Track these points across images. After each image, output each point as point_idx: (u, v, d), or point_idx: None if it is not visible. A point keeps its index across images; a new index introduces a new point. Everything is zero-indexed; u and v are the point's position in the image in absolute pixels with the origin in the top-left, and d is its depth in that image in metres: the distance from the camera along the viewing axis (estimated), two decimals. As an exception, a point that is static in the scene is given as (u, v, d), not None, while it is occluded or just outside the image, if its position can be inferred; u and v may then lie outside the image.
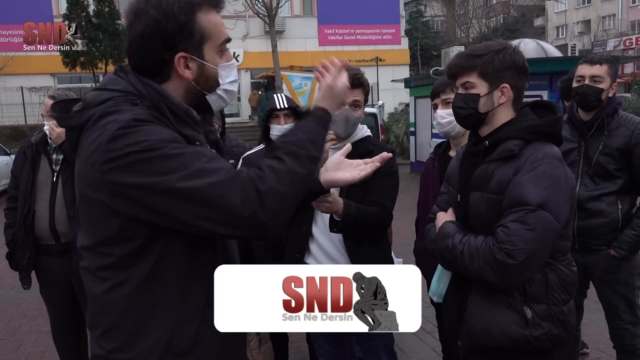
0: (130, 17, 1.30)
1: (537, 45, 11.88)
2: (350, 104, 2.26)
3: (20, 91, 21.66)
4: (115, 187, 1.18)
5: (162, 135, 1.19)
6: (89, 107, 1.27)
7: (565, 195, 1.68)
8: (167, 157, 1.16)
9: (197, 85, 1.36)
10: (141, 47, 1.29)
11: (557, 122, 1.77)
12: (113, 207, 1.21)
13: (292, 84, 19.51)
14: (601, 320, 3.06)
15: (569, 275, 1.77)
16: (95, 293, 1.31)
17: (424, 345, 3.90)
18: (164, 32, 1.27)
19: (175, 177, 1.15)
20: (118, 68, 1.36)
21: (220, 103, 1.46)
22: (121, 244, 1.25)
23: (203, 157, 1.20)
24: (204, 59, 1.34)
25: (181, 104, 1.32)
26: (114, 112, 1.22)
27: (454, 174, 1.97)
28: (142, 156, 1.15)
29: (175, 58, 1.30)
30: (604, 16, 38.72)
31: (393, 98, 23.52)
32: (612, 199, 2.68)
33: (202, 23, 1.31)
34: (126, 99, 1.26)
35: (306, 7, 27.01)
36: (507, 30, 30.25)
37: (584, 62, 2.74)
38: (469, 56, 1.76)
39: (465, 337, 1.83)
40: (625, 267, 2.73)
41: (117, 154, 1.16)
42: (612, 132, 2.67)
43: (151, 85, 1.30)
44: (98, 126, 1.21)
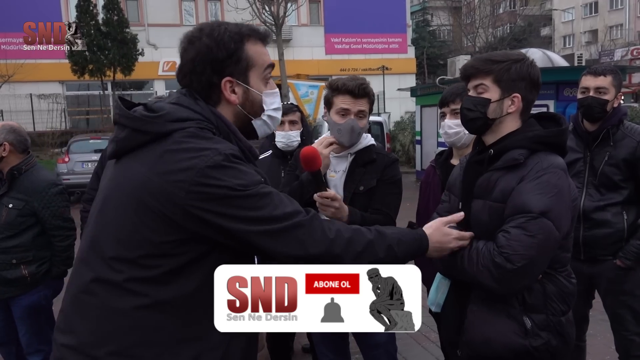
0: (184, 44, 1.40)
1: (544, 55, 11.86)
2: (355, 114, 2.28)
3: (30, 98, 21.84)
4: (197, 211, 1.22)
5: (254, 175, 1.29)
6: (166, 118, 1.30)
7: (568, 206, 1.68)
8: (260, 195, 1.26)
9: (244, 109, 1.43)
10: (192, 71, 1.38)
11: (563, 133, 1.78)
12: (181, 223, 1.24)
13: (299, 92, 19.56)
14: (607, 331, 3.04)
15: (568, 286, 1.76)
16: (115, 307, 1.26)
17: (427, 354, 3.88)
18: (214, 58, 1.36)
19: (263, 214, 1.25)
20: (186, 91, 1.41)
21: (264, 129, 1.52)
22: (171, 258, 1.25)
23: (281, 197, 1.32)
24: (249, 85, 1.42)
25: (246, 142, 1.40)
26: (208, 139, 1.28)
27: (457, 182, 1.97)
28: (237, 194, 1.23)
29: (222, 82, 1.38)
30: (611, 26, 38.64)
31: (399, 107, 23.54)
32: (618, 210, 2.67)
33: (249, 52, 1.41)
34: (207, 127, 1.32)
35: (313, 16, 27.15)
36: (513, 40, 30.23)
37: (588, 73, 2.74)
38: (487, 60, 1.77)
39: (464, 347, 1.82)
40: (631, 278, 2.71)
41: (215, 183, 1.22)
42: (617, 142, 2.66)
43: (220, 118, 1.37)
44: (190, 146, 1.25)
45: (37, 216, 2.94)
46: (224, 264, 1.28)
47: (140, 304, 1.25)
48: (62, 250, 3.03)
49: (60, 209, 2.99)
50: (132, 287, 1.25)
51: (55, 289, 3.15)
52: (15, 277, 2.90)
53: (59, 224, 2.99)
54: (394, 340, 2.51)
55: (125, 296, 1.25)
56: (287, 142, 3.13)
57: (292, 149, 3.12)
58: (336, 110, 2.29)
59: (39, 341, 3.06)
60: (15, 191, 2.91)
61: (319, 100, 18.79)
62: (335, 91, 2.29)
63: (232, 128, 1.38)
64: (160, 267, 1.25)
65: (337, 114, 2.29)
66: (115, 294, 1.26)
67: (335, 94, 2.29)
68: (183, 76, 1.41)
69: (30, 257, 2.93)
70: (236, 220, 1.24)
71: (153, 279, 1.25)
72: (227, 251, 1.30)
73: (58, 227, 2.99)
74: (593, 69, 2.74)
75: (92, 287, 1.29)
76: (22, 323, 3.02)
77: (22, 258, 2.92)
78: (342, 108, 2.27)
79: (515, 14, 36.46)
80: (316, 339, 2.65)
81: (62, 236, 3.02)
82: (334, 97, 2.30)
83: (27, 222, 2.93)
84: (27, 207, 2.91)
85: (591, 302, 2.98)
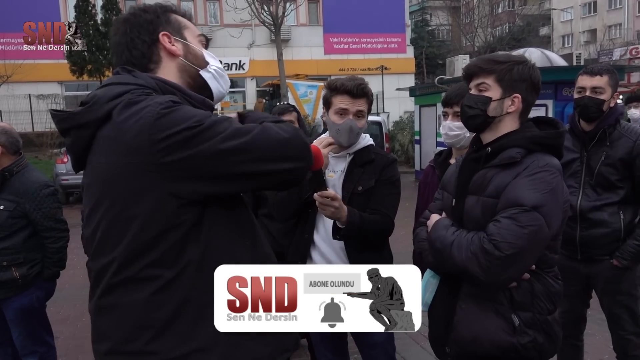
0: (114, 28, 1.44)
1: (542, 54, 11.88)
2: (354, 114, 2.28)
3: (28, 98, 21.82)
4: (171, 165, 1.20)
5: (202, 111, 1.27)
6: (100, 102, 1.28)
7: (560, 205, 1.71)
8: (218, 122, 1.24)
9: (187, 61, 1.43)
10: (128, 41, 1.39)
11: (560, 135, 1.82)
12: (168, 190, 1.22)
13: (298, 92, 19.59)
14: (605, 331, 3.05)
15: (555, 286, 1.80)
16: (136, 300, 1.26)
17: (426, 353, 3.88)
18: (145, 20, 1.40)
19: (229, 134, 1.23)
20: (119, 69, 1.40)
21: (216, 84, 1.49)
22: (172, 231, 1.24)
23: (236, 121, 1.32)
24: (186, 40, 1.45)
25: (196, 95, 1.38)
26: (141, 101, 1.24)
27: (451, 180, 1.99)
28: (196, 130, 1.20)
29: (160, 36, 1.39)
30: (610, 25, 38.66)
31: (398, 106, 23.54)
32: (614, 209, 2.68)
33: (178, 17, 1.46)
34: (143, 92, 1.29)
35: (312, 16, 27.14)
36: (512, 40, 30.21)
37: (584, 73, 2.75)
38: (490, 60, 1.81)
39: (453, 345, 1.84)
40: (628, 277, 2.72)
41: (170, 132, 1.19)
42: (614, 142, 2.68)
43: (162, 80, 1.35)
44: (129, 114, 1.22)
45: (28, 218, 2.92)
46: (221, 217, 1.30)
47: (158, 286, 1.25)
48: (54, 252, 3.02)
49: (52, 210, 2.97)
50: (147, 274, 1.25)
51: (48, 290, 3.14)
52: (6, 279, 2.88)
53: (51, 225, 2.98)
54: (392, 340, 2.52)
55: (142, 285, 1.26)
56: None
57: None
58: (335, 110, 2.29)
59: (33, 343, 3.05)
60: (7, 192, 2.90)
61: (318, 101, 18.81)
62: (333, 91, 2.30)
63: (176, 86, 1.37)
64: (167, 241, 1.24)
65: (335, 114, 2.29)
66: (132, 289, 1.26)
67: (334, 94, 2.30)
68: (120, 56, 1.41)
69: (21, 259, 2.91)
70: (210, 153, 1.21)
71: (162, 258, 1.25)
72: (219, 203, 1.30)
73: (50, 229, 2.98)
74: (589, 69, 2.75)
75: (110, 288, 1.29)
76: (15, 325, 3.01)
77: (13, 260, 2.90)
78: (340, 108, 2.28)
79: (514, 13, 36.45)
80: (315, 338, 2.66)
81: (55, 238, 3.01)
82: (333, 97, 2.31)
83: (18, 223, 2.91)
84: (18, 209, 2.89)
85: (588, 302, 2.99)
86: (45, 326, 3.18)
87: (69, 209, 2.50)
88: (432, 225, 1.87)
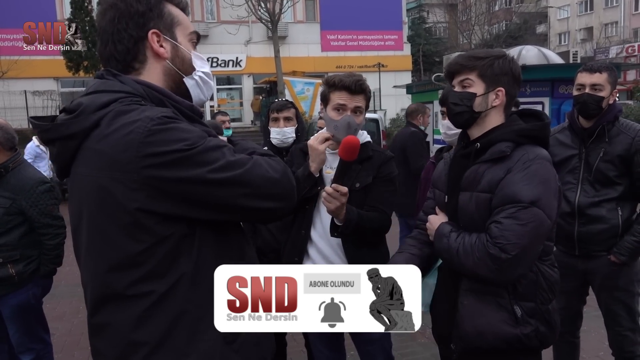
0: (101, 9, 1.34)
1: (539, 52, 11.87)
2: (352, 110, 2.28)
3: (24, 95, 21.73)
4: (155, 183, 1.17)
5: (197, 131, 1.23)
6: (86, 112, 1.22)
7: (555, 194, 1.74)
8: (211, 149, 1.21)
9: (174, 65, 1.37)
10: (113, 33, 1.31)
11: (546, 127, 1.85)
12: (148, 207, 1.18)
13: (295, 89, 19.60)
14: (601, 327, 3.05)
15: (553, 275, 1.83)
16: (128, 318, 1.23)
17: (423, 350, 3.90)
18: (136, 12, 1.31)
19: (220, 166, 1.20)
20: (104, 72, 1.34)
21: (197, 92, 1.43)
22: (160, 245, 1.21)
23: (230, 149, 1.28)
24: (176, 41, 1.37)
25: (184, 101, 1.34)
26: (132, 111, 1.20)
27: (441, 177, 2.01)
28: (188, 153, 1.17)
29: (149, 34, 1.32)
30: (607, 23, 38.72)
31: (395, 104, 23.56)
32: (613, 205, 2.69)
33: (171, 10, 1.37)
34: (132, 100, 1.24)
35: (309, 12, 27.10)
36: (509, 37, 30.29)
37: (584, 70, 2.76)
38: (470, 57, 1.84)
39: (458, 341, 1.85)
40: (625, 274, 2.73)
41: (159, 151, 1.15)
42: (612, 139, 2.68)
43: (149, 86, 1.30)
44: (118, 126, 1.18)
45: (24, 214, 2.91)
46: (210, 240, 1.28)
47: (150, 303, 1.22)
48: (51, 249, 3.00)
49: (49, 207, 2.96)
50: (137, 291, 1.22)
51: (45, 287, 3.14)
52: (2, 276, 2.87)
53: (48, 222, 2.96)
54: (389, 337, 2.52)
55: (133, 302, 1.22)
56: (282, 139, 3.13)
57: (287, 145, 3.11)
58: (333, 106, 2.29)
59: (29, 340, 3.04)
60: (2, 189, 2.88)
61: (315, 98, 18.83)
62: (331, 87, 2.29)
63: (164, 92, 1.31)
64: (155, 256, 1.21)
65: (333, 110, 2.28)
66: (122, 308, 1.23)
67: (332, 90, 2.29)
68: (104, 46, 1.32)
69: (17, 256, 2.90)
70: (197, 181, 1.18)
71: (154, 271, 1.22)
72: (208, 228, 1.27)
73: (47, 225, 2.97)
74: (589, 66, 2.76)
75: (96, 304, 1.27)
76: (12, 322, 3.01)
77: (9, 257, 2.89)
78: (338, 104, 2.27)
79: (511, 11, 36.53)
80: (312, 335, 2.66)
81: (51, 234, 2.99)
82: (331, 93, 2.30)
83: (14, 220, 2.90)
84: (14, 206, 2.88)
85: (585, 298, 3.00)
86: (41, 323, 3.17)
87: (66, 205, 2.48)
88: (434, 235, 1.89)
